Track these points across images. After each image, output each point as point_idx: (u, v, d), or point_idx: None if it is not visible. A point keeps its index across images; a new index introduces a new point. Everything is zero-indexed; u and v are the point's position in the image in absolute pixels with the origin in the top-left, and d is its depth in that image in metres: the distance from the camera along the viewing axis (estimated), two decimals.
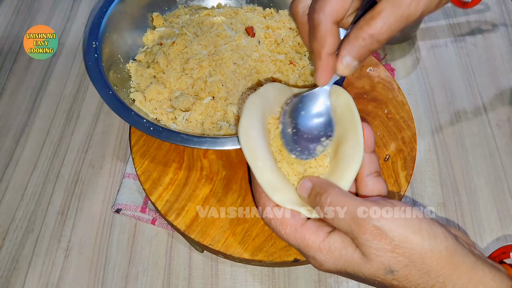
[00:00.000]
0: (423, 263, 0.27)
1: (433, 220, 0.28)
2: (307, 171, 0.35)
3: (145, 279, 0.43)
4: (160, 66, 0.45)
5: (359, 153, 0.33)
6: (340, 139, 0.36)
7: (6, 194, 0.48)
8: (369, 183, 0.34)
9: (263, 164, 0.33)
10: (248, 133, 0.34)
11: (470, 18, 0.63)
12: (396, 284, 0.28)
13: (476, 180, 0.49)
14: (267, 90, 0.37)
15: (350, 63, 0.32)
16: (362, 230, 0.28)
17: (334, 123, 0.36)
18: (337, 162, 0.35)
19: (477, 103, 0.55)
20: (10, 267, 0.44)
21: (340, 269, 0.29)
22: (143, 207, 0.46)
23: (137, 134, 0.46)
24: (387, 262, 0.27)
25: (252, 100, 0.36)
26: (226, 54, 0.45)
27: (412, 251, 0.27)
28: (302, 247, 0.30)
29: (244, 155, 0.33)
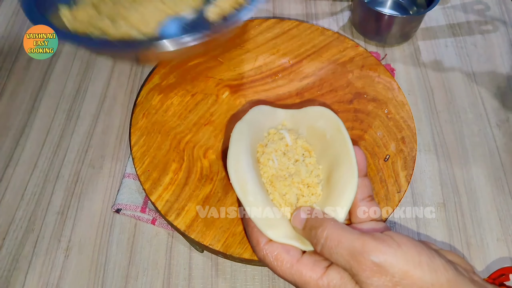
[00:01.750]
0: None
1: (432, 251, 0.28)
2: (299, 200, 0.34)
3: (145, 279, 0.43)
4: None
5: (354, 179, 0.33)
6: (332, 165, 0.35)
7: (6, 194, 0.48)
8: (362, 209, 0.33)
9: (254, 198, 0.32)
10: (238, 166, 0.33)
11: (470, 18, 0.63)
12: None
13: (476, 180, 0.49)
14: (253, 115, 0.37)
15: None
16: (361, 267, 0.27)
17: (324, 148, 0.35)
18: (331, 190, 0.34)
19: (477, 103, 0.55)
20: (10, 267, 0.44)
21: None
22: (143, 207, 0.46)
23: (137, 134, 0.46)
24: None
25: (240, 128, 0.35)
26: None
27: (413, 287, 0.26)
28: (300, 284, 0.30)
29: (234, 190, 0.32)
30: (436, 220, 0.47)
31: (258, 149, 0.37)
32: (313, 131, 0.38)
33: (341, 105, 0.49)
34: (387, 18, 0.56)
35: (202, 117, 0.48)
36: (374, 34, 0.59)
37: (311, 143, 0.38)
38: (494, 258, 0.45)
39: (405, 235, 0.28)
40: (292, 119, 0.39)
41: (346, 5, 0.65)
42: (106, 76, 0.57)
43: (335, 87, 0.50)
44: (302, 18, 0.63)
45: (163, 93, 0.49)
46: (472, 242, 0.46)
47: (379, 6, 0.62)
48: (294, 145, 0.37)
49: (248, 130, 0.36)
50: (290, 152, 0.37)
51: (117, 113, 0.54)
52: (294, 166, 0.36)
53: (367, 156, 0.45)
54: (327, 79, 0.51)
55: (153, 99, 0.49)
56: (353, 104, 0.49)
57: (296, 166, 0.36)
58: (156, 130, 0.47)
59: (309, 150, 0.37)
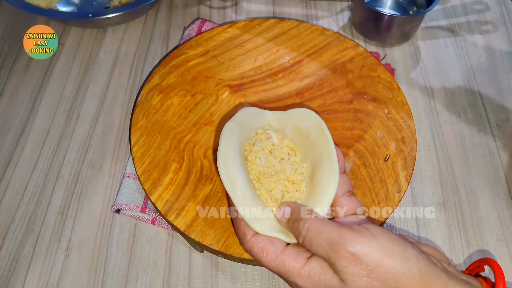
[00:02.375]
0: (398, 286, 0.28)
1: (406, 241, 0.30)
2: (284, 196, 0.36)
3: (145, 279, 0.43)
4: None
5: (335, 177, 0.35)
6: (315, 163, 0.37)
7: (6, 194, 0.48)
8: (342, 204, 0.35)
9: (242, 193, 0.34)
10: (227, 163, 0.35)
11: (470, 18, 0.63)
12: None
13: (476, 180, 0.49)
14: (242, 116, 0.39)
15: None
16: (338, 256, 0.29)
17: (308, 147, 0.38)
18: (314, 187, 0.36)
19: (477, 103, 0.55)
20: (10, 267, 0.44)
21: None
22: (143, 207, 0.46)
23: (137, 134, 0.46)
24: (364, 287, 0.28)
25: (230, 127, 0.37)
26: None
27: (386, 275, 0.28)
28: (283, 273, 0.31)
29: (224, 185, 0.34)
30: (436, 220, 0.47)
31: (246, 148, 0.39)
32: (298, 131, 0.40)
33: (341, 105, 0.49)
34: (387, 18, 0.56)
35: (202, 117, 0.48)
36: (374, 34, 0.59)
37: (296, 142, 0.40)
38: (494, 258, 0.45)
39: (381, 228, 0.30)
40: (279, 120, 0.41)
41: (346, 5, 0.65)
42: (106, 76, 0.57)
43: (335, 87, 0.50)
44: (302, 18, 0.63)
45: (163, 93, 0.49)
46: (472, 242, 0.46)
47: (379, 6, 0.62)
48: (280, 144, 0.39)
49: (237, 129, 0.38)
50: (276, 151, 0.39)
51: (117, 113, 0.54)
52: (280, 164, 0.38)
53: (367, 156, 0.45)
54: (327, 79, 0.51)
55: (153, 99, 0.49)
56: (353, 104, 0.49)
57: (281, 164, 0.38)
58: (156, 130, 0.47)
59: (294, 149, 0.40)
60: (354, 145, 0.46)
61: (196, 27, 0.59)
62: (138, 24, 0.62)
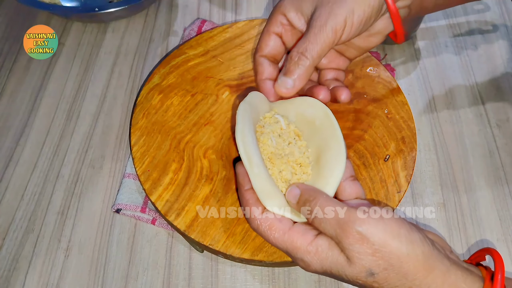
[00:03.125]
0: (401, 267, 0.29)
1: (412, 225, 0.30)
2: (293, 178, 0.37)
3: (145, 279, 0.43)
4: None
5: (342, 161, 0.36)
6: (321, 148, 0.38)
7: (6, 194, 0.48)
8: (346, 188, 0.36)
9: (259, 170, 0.34)
10: (245, 139, 0.35)
11: (470, 18, 0.63)
12: (376, 286, 0.30)
13: (476, 180, 0.49)
14: (252, 98, 0.39)
15: (283, 81, 0.38)
16: (346, 234, 0.30)
17: (312, 133, 0.39)
18: (320, 170, 0.37)
19: (477, 103, 0.55)
20: (10, 267, 0.44)
21: (326, 270, 0.31)
22: (143, 207, 0.46)
23: (137, 134, 0.46)
24: (368, 265, 0.29)
25: (244, 107, 0.37)
26: None
27: (391, 255, 0.29)
28: (291, 249, 0.32)
29: (243, 161, 0.35)
30: (436, 220, 0.47)
31: (257, 129, 0.40)
32: (302, 118, 0.41)
33: (341, 105, 0.49)
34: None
35: (202, 117, 0.48)
36: None
37: (300, 129, 0.41)
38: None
39: (389, 209, 0.31)
40: (281, 106, 0.42)
41: None
42: (106, 76, 0.57)
43: None
44: None
45: (163, 93, 0.49)
46: (472, 242, 0.46)
47: None
48: (287, 129, 0.40)
49: (250, 110, 0.38)
50: (284, 135, 0.40)
51: (117, 113, 0.54)
52: (288, 147, 0.39)
53: (367, 156, 0.45)
54: None
55: (153, 99, 0.49)
56: (353, 104, 0.49)
57: (290, 148, 0.39)
58: (156, 130, 0.47)
59: (299, 135, 0.40)
60: (354, 145, 0.46)
61: (196, 27, 0.59)
62: (138, 24, 0.62)
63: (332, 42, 0.36)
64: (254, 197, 0.35)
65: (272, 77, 0.40)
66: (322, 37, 0.36)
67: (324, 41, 0.36)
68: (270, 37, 0.39)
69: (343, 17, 0.36)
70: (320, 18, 0.36)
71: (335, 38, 0.36)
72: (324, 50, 0.36)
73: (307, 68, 0.36)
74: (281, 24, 0.39)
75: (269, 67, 0.40)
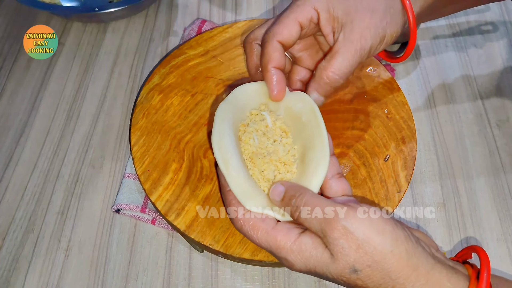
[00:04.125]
0: (385, 264, 0.29)
1: (397, 223, 0.30)
2: (276, 177, 0.37)
3: (145, 279, 0.43)
4: None
5: (326, 159, 0.35)
6: (306, 145, 0.38)
7: (6, 194, 0.48)
8: (333, 185, 0.36)
9: (237, 173, 0.34)
10: (221, 142, 0.35)
11: (470, 18, 0.63)
12: (360, 283, 0.30)
13: (476, 180, 0.49)
14: (235, 96, 0.39)
15: (317, 98, 0.37)
16: (331, 229, 0.30)
17: (299, 129, 0.39)
18: (305, 168, 0.37)
19: (477, 103, 0.55)
20: (10, 267, 0.44)
21: (310, 269, 0.31)
22: (143, 207, 0.46)
23: (137, 134, 0.46)
24: (352, 261, 0.29)
25: (223, 108, 0.37)
26: None
27: (374, 251, 0.29)
28: (274, 248, 0.32)
29: (218, 165, 0.35)
30: (436, 220, 0.47)
31: (240, 128, 0.39)
32: (290, 112, 0.40)
33: (341, 105, 0.49)
34: None
35: (202, 117, 0.48)
36: None
37: (287, 124, 0.40)
38: (494, 258, 0.45)
39: (376, 207, 0.31)
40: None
41: None
42: (106, 76, 0.57)
43: None
44: None
45: (163, 93, 0.49)
46: (472, 242, 0.46)
47: None
48: (273, 126, 0.40)
49: (231, 110, 0.38)
50: (269, 132, 0.39)
51: (117, 113, 0.54)
52: (273, 145, 0.39)
53: (367, 156, 0.45)
54: None
55: (153, 99, 0.49)
56: (353, 104, 0.49)
57: (274, 146, 0.39)
58: (156, 130, 0.47)
59: (286, 131, 0.40)
60: (354, 145, 0.46)
61: (196, 27, 0.59)
62: (138, 24, 0.62)
63: (360, 62, 0.37)
64: (236, 197, 0.35)
65: (281, 67, 0.37)
66: (357, 59, 0.36)
67: (357, 63, 0.36)
68: (296, 26, 0.36)
69: (377, 42, 0.36)
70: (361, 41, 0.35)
71: (364, 58, 0.36)
72: (353, 71, 0.37)
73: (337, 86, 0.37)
74: (311, 19, 0.37)
75: (282, 57, 0.37)
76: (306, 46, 0.41)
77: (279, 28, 0.36)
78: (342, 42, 0.36)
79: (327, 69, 0.36)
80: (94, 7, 0.55)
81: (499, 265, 0.44)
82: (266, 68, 0.37)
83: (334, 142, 0.46)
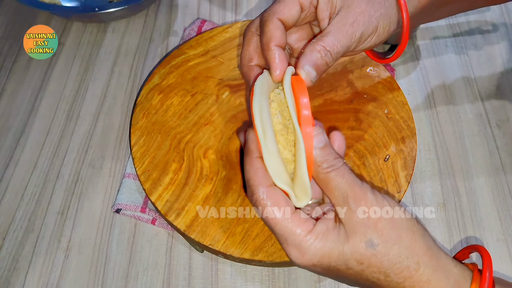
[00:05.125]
0: (402, 240, 0.29)
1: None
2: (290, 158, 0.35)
3: (145, 279, 0.44)
4: None
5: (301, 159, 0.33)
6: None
7: (6, 194, 0.48)
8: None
9: (272, 145, 0.33)
10: (262, 111, 0.34)
11: (470, 18, 0.63)
12: (374, 262, 0.29)
13: (476, 180, 0.49)
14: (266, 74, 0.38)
15: (310, 71, 0.35)
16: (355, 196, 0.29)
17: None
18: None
19: (477, 103, 0.55)
20: (10, 267, 0.44)
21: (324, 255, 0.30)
22: (143, 207, 0.46)
23: (137, 134, 0.46)
24: (370, 233, 0.29)
25: (262, 81, 0.36)
26: None
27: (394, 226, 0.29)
28: (288, 234, 0.30)
29: (257, 134, 0.33)
30: (436, 220, 0.47)
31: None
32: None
33: (341, 105, 0.49)
34: None
35: (202, 117, 0.48)
36: None
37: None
38: (494, 258, 0.44)
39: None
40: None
41: None
42: (106, 76, 0.57)
43: (335, 87, 0.50)
44: None
45: (163, 93, 0.49)
46: (472, 242, 0.46)
47: None
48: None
49: (266, 84, 0.37)
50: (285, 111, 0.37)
51: (117, 113, 0.54)
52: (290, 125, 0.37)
53: (367, 156, 0.45)
54: (327, 79, 0.51)
55: (153, 99, 0.49)
56: (353, 104, 0.49)
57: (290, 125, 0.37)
58: (156, 130, 0.47)
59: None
60: (354, 145, 0.46)
61: (196, 27, 0.59)
62: (138, 24, 0.62)
63: (349, 49, 0.36)
64: (263, 166, 0.32)
65: (283, 46, 0.36)
66: (347, 42, 0.35)
67: (347, 46, 0.36)
68: (297, 5, 0.36)
69: (369, 31, 0.36)
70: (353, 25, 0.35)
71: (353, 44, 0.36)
72: (341, 55, 0.36)
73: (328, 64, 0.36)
74: (311, 1, 0.36)
75: (284, 35, 0.36)
76: (302, 36, 0.41)
77: (280, 6, 0.36)
78: (335, 24, 0.36)
79: (319, 43, 0.35)
80: (94, 7, 0.55)
81: (499, 265, 0.44)
82: (268, 46, 0.35)
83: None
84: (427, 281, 0.28)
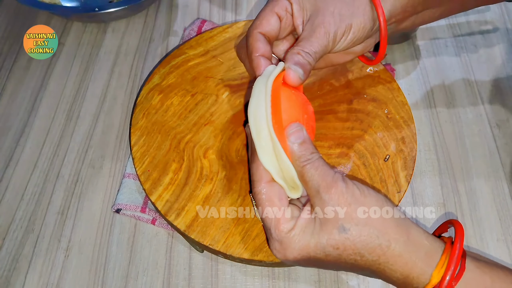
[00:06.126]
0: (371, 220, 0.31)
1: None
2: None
3: (145, 279, 0.44)
4: None
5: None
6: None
7: (6, 194, 0.48)
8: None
9: (266, 143, 0.35)
10: (256, 113, 0.35)
11: (470, 18, 0.63)
12: (349, 244, 0.31)
13: (476, 180, 0.49)
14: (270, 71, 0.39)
15: (296, 68, 0.37)
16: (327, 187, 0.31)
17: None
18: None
19: (477, 103, 0.55)
20: (10, 267, 0.44)
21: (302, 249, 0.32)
22: (143, 207, 0.46)
23: (137, 134, 0.46)
24: (342, 219, 0.31)
25: (261, 81, 0.37)
26: None
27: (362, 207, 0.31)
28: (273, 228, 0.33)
29: (252, 134, 0.35)
30: (436, 220, 0.47)
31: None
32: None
33: (341, 105, 0.49)
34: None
35: (202, 117, 0.48)
36: None
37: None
38: (494, 258, 0.45)
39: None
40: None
41: None
42: (106, 76, 0.57)
43: (335, 87, 0.50)
44: None
45: (163, 93, 0.49)
46: (472, 242, 0.46)
47: None
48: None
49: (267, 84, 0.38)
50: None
51: (117, 113, 0.54)
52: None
53: (367, 156, 0.45)
54: (327, 79, 0.51)
55: (153, 99, 0.49)
56: (353, 104, 0.49)
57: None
58: (156, 130, 0.47)
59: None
60: (354, 145, 0.46)
61: (196, 27, 0.59)
62: (138, 24, 0.62)
63: (327, 48, 0.38)
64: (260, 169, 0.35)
65: (266, 55, 0.39)
66: (323, 42, 0.37)
67: (324, 45, 0.37)
68: (274, 16, 0.39)
69: (342, 30, 0.38)
70: (324, 25, 0.37)
71: (330, 43, 0.38)
72: (320, 55, 0.38)
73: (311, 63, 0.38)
74: (286, 9, 0.39)
75: (266, 45, 0.39)
76: (289, 47, 0.43)
77: (258, 20, 0.39)
78: (307, 29, 0.38)
79: (295, 48, 0.37)
80: (94, 7, 0.55)
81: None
82: (251, 57, 0.39)
83: (334, 142, 0.46)
84: (399, 255, 0.30)
